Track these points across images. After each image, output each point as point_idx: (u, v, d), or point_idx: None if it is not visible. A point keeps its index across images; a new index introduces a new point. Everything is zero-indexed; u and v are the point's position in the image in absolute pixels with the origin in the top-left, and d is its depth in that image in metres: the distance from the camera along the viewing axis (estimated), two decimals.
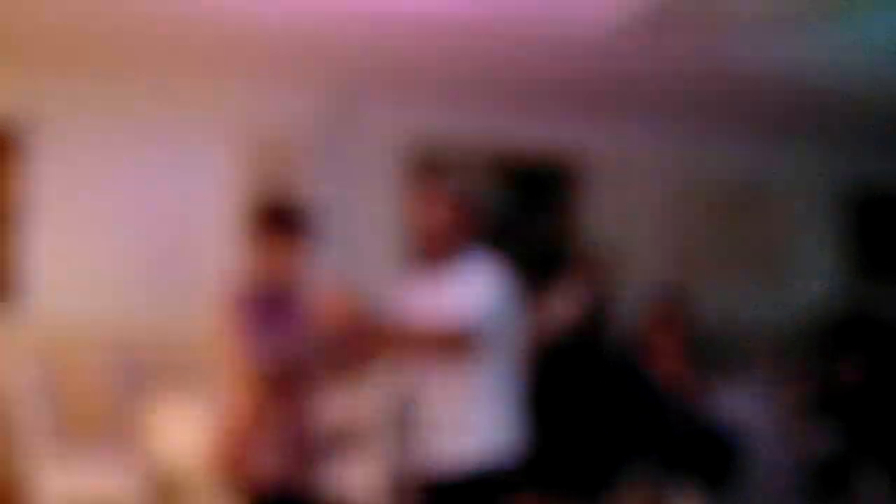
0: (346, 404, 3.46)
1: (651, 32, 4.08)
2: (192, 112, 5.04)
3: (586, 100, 5.56)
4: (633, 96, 5.46)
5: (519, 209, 5.80)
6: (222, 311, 2.29)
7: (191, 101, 5.01)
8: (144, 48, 4.43)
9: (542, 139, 5.86)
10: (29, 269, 4.76)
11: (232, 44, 4.38)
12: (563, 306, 4.37)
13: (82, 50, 4.47)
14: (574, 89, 5.31)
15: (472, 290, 2.41)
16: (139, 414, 3.91)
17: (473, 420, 2.36)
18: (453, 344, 2.24)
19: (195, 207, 5.08)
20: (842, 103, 5.46)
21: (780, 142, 6.68)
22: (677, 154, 6.37)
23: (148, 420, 3.75)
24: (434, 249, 2.58)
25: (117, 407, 4.16)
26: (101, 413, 4.18)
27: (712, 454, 3.99)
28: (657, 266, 6.27)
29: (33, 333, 4.50)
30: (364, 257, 5.28)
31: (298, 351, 2.38)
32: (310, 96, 5.13)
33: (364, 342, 2.25)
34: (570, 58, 4.61)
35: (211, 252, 5.05)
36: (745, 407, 4.50)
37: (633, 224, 6.20)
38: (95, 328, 4.66)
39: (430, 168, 5.53)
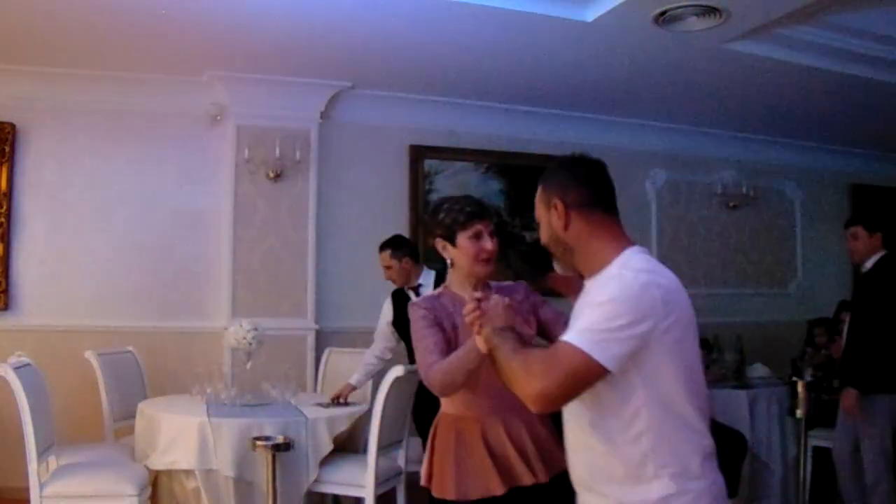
0: None
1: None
2: (188, 111, 5.03)
3: (584, 99, 5.56)
4: (632, 95, 5.46)
5: (517, 209, 5.79)
6: None
7: (187, 100, 5.01)
8: (139, 46, 4.41)
9: (541, 139, 5.86)
10: (18, 272, 4.73)
11: (229, 41, 4.37)
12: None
13: (72, 48, 4.45)
14: (573, 88, 5.31)
15: None
16: (133, 416, 3.89)
17: None
18: None
19: (190, 208, 5.07)
20: (845, 101, 5.46)
21: (784, 140, 6.69)
22: (677, 153, 6.38)
23: (142, 422, 3.74)
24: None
25: (111, 409, 4.14)
26: (95, 416, 4.17)
27: (716, 456, 3.97)
28: None
29: (25, 337, 4.48)
30: (364, 256, 5.27)
31: None
32: (308, 94, 5.12)
33: None
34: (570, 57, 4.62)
35: (204, 252, 5.05)
36: (746, 407, 4.49)
37: (632, 224, 6.20)
38: (87, 331, 4.63)
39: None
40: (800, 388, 4.04)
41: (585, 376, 1.47)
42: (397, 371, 3.44)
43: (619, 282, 1.52)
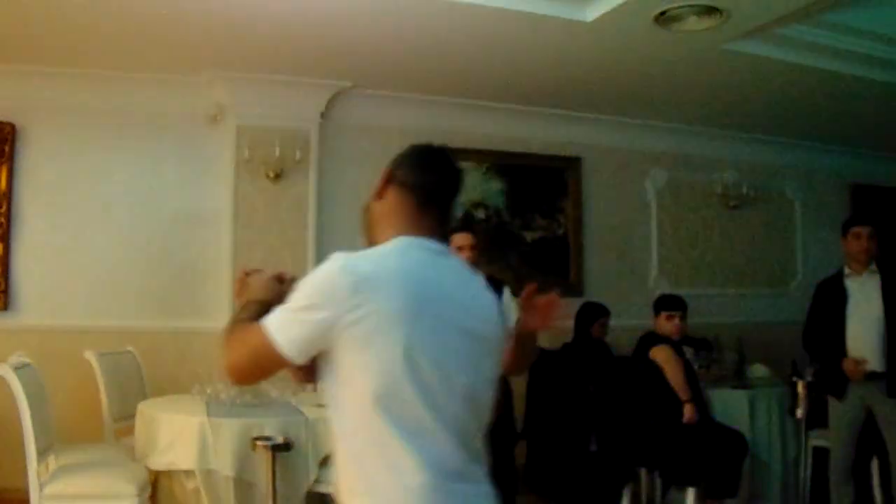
0: None
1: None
2: (188, 111, 5.03)
3: (584, 99, 5.55)
4: (632, 95, 5.45)
5: (517, 209, 5.78)
6: None
7: (187, 100, 5.00)
8: (139, 46, 4.41)
9: (541, 139, 5.86)
10: (19, 272, 4.73)
11: (229, 41, 4.37)
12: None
13: (72, 48, 4.45)
14: (573, 88, 5.30)
15: None
16: (133, 416, 3.89)
17: None
18: None
19: (190, 208, 5.07)
20: (845, 101, 5.46)
21: (784, 140, 6.68)
22: (677, 153, 6.37)
23: (142, 422, 3.74)
24: None
25: (111, 409, 4.14)
26: (95, 416, 4.16)
27: (716, 456, 3.97)
28: (656, 266, 6.27)
29: (25, 337, 4.47)
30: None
31: None
32: (308, 94, 5.12)
33: None
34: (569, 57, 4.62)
35: (204, 252, 5.05)
36: (746, 407, 4.49)
37: (632, 224, 6.20)
38: (87, 331, 4.62)
39: None
40: (800, 388, 4.05)
41: (267, 356, 1.43)
42: None
43: (321, 265, 1.45)
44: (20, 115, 4.76)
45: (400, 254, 1.50)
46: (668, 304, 4.48)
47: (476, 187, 5.69)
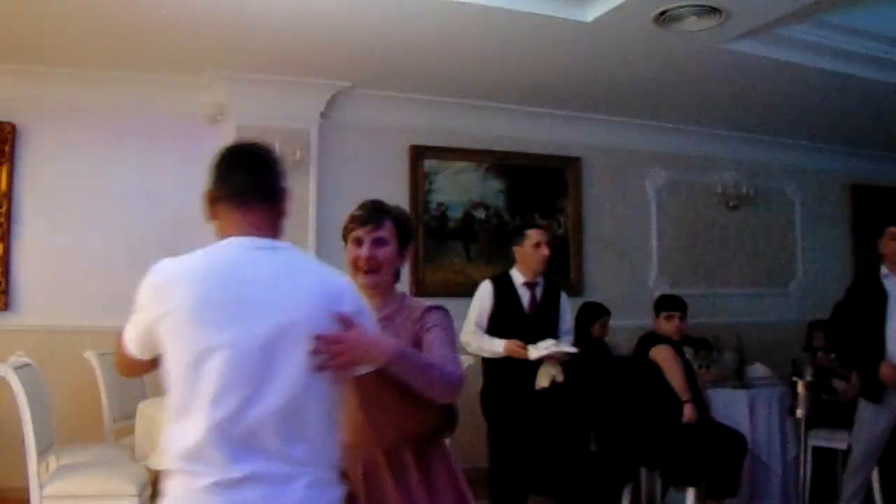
0: None
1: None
2: (188, 111, 5.02)
3: (584, 99, 5.55)
4: (632, 95, 5.45)
5: (517, 209, 5.78)
6: None
7: (187, 100, 5.00)
8: (139, 46, 4.41)
9: (541, 139, 5.86)
10: (19, 272, 4.73)
11: (229, 41, 4.37)
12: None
13: (72, 48, 4.45)
14: (573, 88, 5.30)
15: None
16: (133, 416, 3.89)
17: None
18: None
19: (189, 208, 5.06)
20: (845, 101, 5.46)
21: (784, 140, 6.69)
22: (677, 153, 6.37)
23: (142, 422, 3.74)
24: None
25: (111, 409, 4.14)
26: (95, 416, 4.17)
27: (716, 456, 3.97)
28: (656, 266, 6.27)
29: (25, 337, 4.47)
30: None
31: None
32: (308, 94, 5.12)
33: None
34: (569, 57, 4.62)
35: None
36: (746, 407, 4.49)
37: (632, 224, 6.20)
38: (87, 331, 4.58)
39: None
40: (800, 388, 4.04)
41: (125, 355, 1.58)
42: None
43: None
44: (20, 115, 4.76)
45: (206, 252, 1.55)
46: (668, 304, 4.49)
47: (476, 187, 5.70)
